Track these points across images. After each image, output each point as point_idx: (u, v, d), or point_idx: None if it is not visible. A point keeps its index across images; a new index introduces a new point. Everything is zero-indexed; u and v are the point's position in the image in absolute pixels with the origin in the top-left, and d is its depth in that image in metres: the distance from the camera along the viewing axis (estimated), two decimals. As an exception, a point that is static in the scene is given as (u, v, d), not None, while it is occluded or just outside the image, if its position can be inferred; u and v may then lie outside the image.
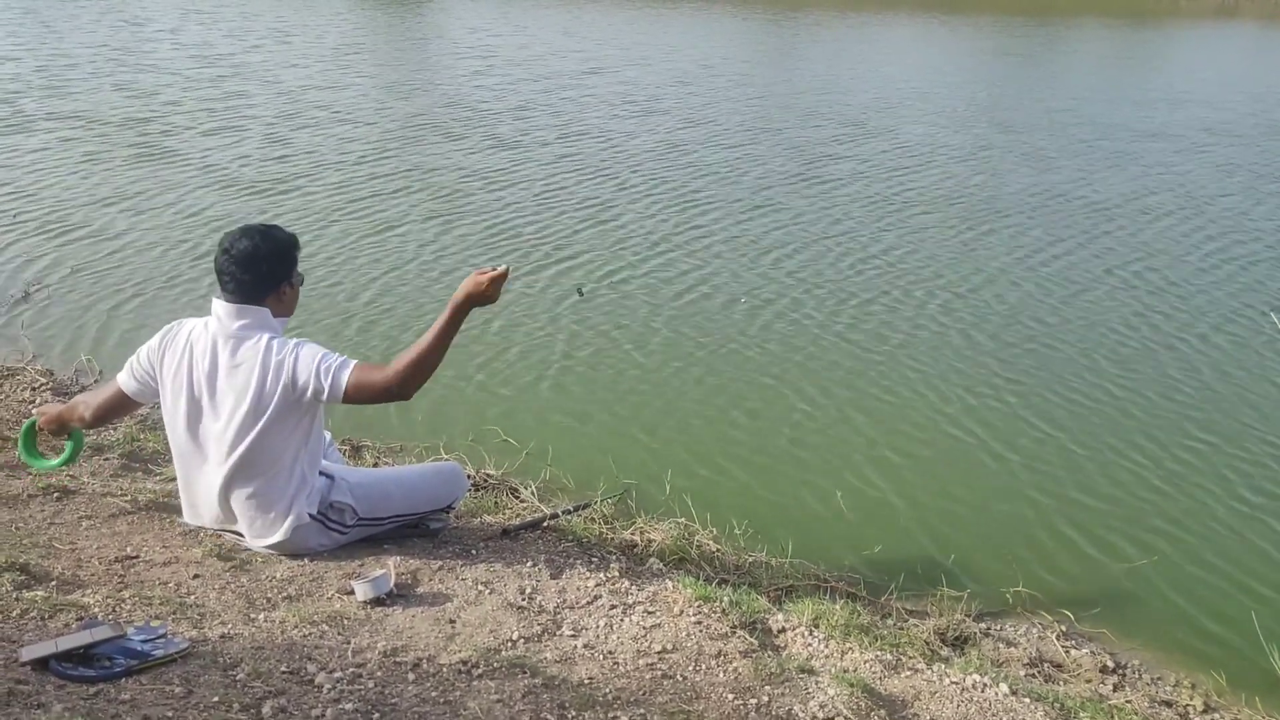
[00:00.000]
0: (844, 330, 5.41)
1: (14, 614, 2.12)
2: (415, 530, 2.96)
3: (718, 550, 3.34)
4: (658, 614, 2.61)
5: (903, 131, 10.48)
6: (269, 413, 2.51)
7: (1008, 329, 5.48)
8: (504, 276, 2.57)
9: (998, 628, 3.14)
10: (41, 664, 1.87)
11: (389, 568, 2.64)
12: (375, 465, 3.73)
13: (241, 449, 2.54)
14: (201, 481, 2.65)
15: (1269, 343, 5.35)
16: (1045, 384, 4.85)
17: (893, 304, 5.80)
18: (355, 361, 2.52)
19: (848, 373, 4.89)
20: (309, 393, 2.50)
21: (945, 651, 2.86)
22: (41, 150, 8.90)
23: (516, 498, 3.59)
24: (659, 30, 19.75)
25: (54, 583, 2.35)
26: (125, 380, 2.71)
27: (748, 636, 2.52)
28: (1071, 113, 11.84)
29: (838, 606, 2.86)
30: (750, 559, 3.34)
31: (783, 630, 2.66)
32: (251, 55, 14.96)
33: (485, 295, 2.55)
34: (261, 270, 2.54)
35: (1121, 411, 4.60)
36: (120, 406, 2.80)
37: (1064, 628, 3.16)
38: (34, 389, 4.18)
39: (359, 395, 2.51)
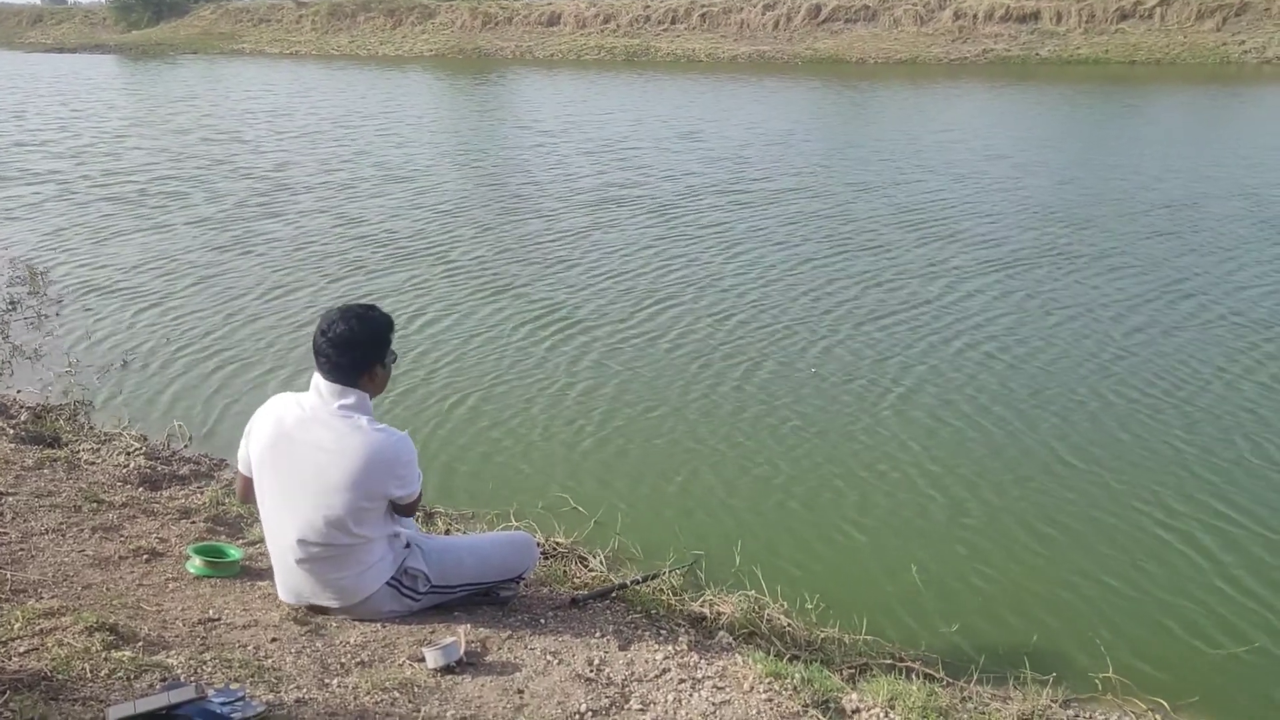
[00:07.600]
0: (915, 403, 5.32)
1: (102, 674, 2.19)
2: (485, 598, 2.97)
3: (789, 625, 3.27)
4: (727, 689, 2.56)
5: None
6: (366, 499, 2.61)
7: (1092, 408, 5.30)
8: None
9: (1087, 715, 2.98)
10: (127, 723, 1.93)
11: (459, 635, 2.66)
12: (447, 532, 3.78)
13: (332, 524, 2.61)
14: (289, 553, 2.70)
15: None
16: (1130, 460, 4.67)
17: (960, 376, 5.68)
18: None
19: (922, 447, 4.78)
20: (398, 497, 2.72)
21: (1030, 739, 2.73)
22: (140, 230, 9.51)
23: (585, 566, 3.59)
24: (741, 103, 20.19)
25: (140, 643, 2.43)
26: (239, 459, 2.80)
27: (820, 716, 2.46)
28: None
29: (915, 687, 2.76)
30: (822, 634, 3.26)
31: (857, 710, 2.58)
32: (338, 138, 15.74)
33: None
34: (356, 355, 2.62)
35: (1221, 491, 4.36)
36: (248, 485, 2.82)
37: (1159, 717, 2.99)
38: (128, 453, 4.36)
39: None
